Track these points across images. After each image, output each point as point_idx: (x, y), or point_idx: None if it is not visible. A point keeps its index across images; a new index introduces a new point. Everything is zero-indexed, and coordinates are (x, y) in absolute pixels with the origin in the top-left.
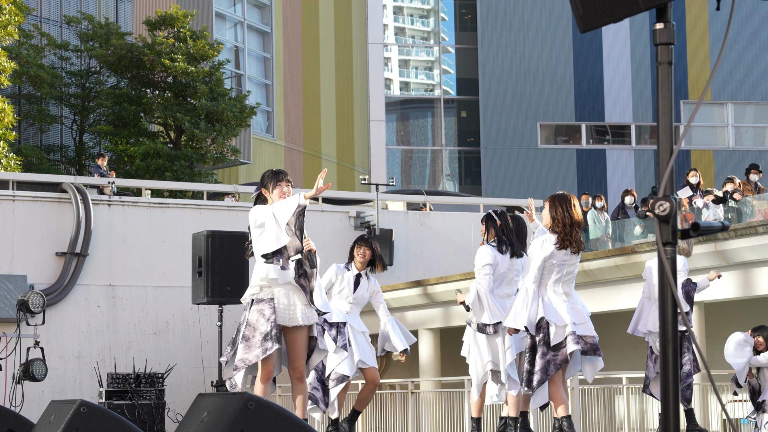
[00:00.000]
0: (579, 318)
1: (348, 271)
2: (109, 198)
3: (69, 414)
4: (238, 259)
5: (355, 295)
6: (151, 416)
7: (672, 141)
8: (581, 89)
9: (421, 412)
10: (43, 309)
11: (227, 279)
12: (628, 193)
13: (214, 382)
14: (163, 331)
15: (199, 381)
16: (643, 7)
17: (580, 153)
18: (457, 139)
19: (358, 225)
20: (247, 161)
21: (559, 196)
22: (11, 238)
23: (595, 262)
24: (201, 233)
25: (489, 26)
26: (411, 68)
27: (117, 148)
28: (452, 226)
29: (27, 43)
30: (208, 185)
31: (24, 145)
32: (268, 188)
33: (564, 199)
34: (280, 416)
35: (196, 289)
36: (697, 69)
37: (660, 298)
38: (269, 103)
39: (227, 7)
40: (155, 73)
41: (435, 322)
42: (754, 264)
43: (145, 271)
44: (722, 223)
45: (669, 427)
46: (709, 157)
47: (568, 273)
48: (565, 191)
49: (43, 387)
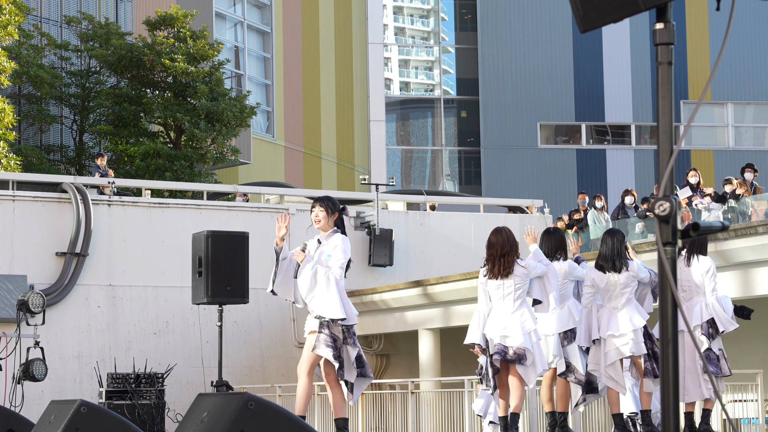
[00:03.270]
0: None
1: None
2: (109, 198)
3: (69, 414)
4: (238, 259)
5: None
6: (151, 416)
7: (672, 141)
8: (581, 89)
9: (421, 412)
10: (43, 309)
11: (227, 279)
12: (628, 193)
13: (214, 382)
14: (163, 331)
15: (199, 381)
16: (643, 7)
17: (580, 153)
18: (457, 139)
19: (358, 225)
20: (247, 161)
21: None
22: (11, 238)
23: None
24: (201, 233)
25: (489, 26)
26: (411, 68)
27: (117, 148)
28: (452, 226)
29: (27, 43)
30: (208, 185)
31: (24, 145)
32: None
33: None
34: (280, 416)
35: (196, 289)
36: (697, 69)
37: (660, 298)
38: (269, 103)
39: (227, 7)
40: (155, 73)
41: (435, 322)
42: (754, 264)
43: (145, 271)
44: (722, 223)
45: (669, 427)
46: (709, 157)
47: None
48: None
49: (43, 387)
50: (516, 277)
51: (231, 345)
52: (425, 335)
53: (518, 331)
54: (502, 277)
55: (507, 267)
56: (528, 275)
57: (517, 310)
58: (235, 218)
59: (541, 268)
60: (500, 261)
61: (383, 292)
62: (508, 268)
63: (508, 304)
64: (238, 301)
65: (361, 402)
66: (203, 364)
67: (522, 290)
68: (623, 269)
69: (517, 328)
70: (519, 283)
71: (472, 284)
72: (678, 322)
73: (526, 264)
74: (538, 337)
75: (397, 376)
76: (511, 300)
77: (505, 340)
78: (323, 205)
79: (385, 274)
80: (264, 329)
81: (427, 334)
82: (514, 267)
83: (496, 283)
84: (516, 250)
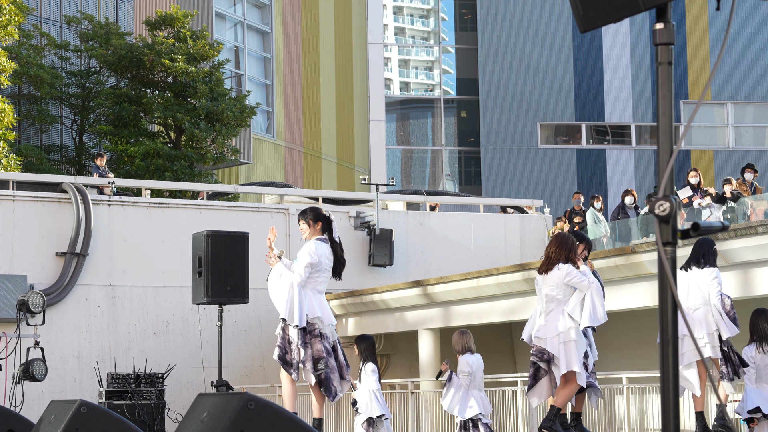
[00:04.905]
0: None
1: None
2: (109, 198)
3: (69, 414)
4: (238, 259)
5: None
6: (151, 416)
7: (672, 141)
8: (581, 89)
9: (421, 412)
10: (43, 309)
11: (227, 279)
12: (628, 193)
13: (214, 382)
14: (163, 331)
15: (199, 381)
16: (643, 7)
17: (580, 153)
18: (457, 139)
19: (358, 225)
20: (247, 161)
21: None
22: (11, 238)
23: (594, 263)
24: (201, 233)
25: (489, 26)
26: (411, 68)
27: (117, 148)
28: (452, 226)
29: (27, 43)
30: (208, 185)
31: (24, 145)
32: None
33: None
34: (280, 416)
35: (196, 289)
36: (697, 69)
37: (660, 298)
38: (269, 103)
39: (227, 7)
40: (155, 73)
41: (435, 322)
42: (754, 264)
43: (145, 271)
44: (722, 223)
45: (669, 427)
46: (709, 157)
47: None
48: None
49: (43, 387)
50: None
51: (231, 345)
52: (425, 335)
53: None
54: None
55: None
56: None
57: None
58: (235, 218)
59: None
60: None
61: (383, 292)
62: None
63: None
64: (238, 301)
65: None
66: (203, 364)
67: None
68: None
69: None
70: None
71: (472, 284)
72: (678, 322)
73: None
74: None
75: (397, 376)
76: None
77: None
78: (303, 218)
79: (385, 274)
80: (264, 329)
81: (427, 334)
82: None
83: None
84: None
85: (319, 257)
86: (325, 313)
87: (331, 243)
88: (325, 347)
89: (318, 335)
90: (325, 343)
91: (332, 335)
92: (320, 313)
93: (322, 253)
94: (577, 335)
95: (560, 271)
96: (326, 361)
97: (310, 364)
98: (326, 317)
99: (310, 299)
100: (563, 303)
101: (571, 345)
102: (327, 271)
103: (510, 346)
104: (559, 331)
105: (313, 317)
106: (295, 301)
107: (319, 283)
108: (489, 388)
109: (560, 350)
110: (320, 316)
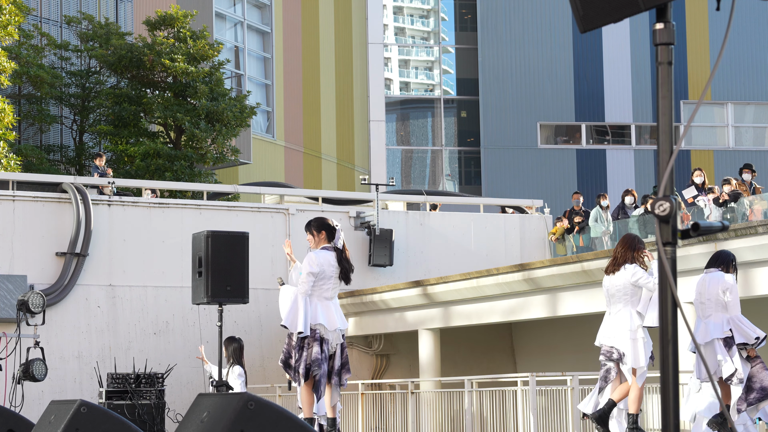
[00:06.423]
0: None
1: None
2: (109, 198)
3: (69, 414)
4: (238, 259)
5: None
6: (151, 416)
7: (672, 141)
8: (581, 89)
9: (421, 412)
10: (43, 309)
11: (227, 279)
12: (628, 193)
13: (214, 382)
14: (163, 331)
15: (199, 381)
16: (643, 7)
17: (580, 153)
18: (457, 139)
19: (358, 225)
20: (247, 161)
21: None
22: (11, 238)
23: (595, 262)
24: (201, 233)
25: (489, 26)
26: (411, 68)
27: (117, 148)
28: (452, 226)
29: (27, 43)
30: (208, 185)
31: (24, 145)
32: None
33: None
34: (280, 416)
35: (196, 289)
36: (697, 69)
37: (660, 298)
38: (269, 103)
39: (227, 7)
40: (155, 73)
41: (435, 322)
42: (754, 264)
43: (145, 271)
44: (722, 223)
45: (669, 427)
46: (709, 157)
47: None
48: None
49: (43, 387)
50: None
51: None
52: (425, 335)
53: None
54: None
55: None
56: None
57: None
58: (235, 218)
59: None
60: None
61: (383, 292)
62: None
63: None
64: (238, 301)
65: (361, 402)
66: (203, 364)
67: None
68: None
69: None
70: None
71: (472, 284)
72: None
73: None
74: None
75: (397, 376)
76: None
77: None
78: (308, 230)
79: (385, 274)
80: (264, 329)
81: (427, 334)
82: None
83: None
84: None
85: (321, 266)
86: (330, 318)
87: (335, 251)
88: (324, 351)
89: (318, 339)
90: (325, 347)
91: (336, 340)
92: (322, 320)
93: (323, 262)
94: (645, 334)
95: (626, 271)
96: (319, 363)
97: (303, 368)
98: (330, 323)
99: (315, 307)
100: (630, 303)
101: (640, 342)
102: (332, 278)
103: (510, 346)
104: (629, 329)
105: (315, 324)
106: (299, 310)
107: (325, 290)
108: (489, 388)
109: (629, 347)
110: (322, 323)
